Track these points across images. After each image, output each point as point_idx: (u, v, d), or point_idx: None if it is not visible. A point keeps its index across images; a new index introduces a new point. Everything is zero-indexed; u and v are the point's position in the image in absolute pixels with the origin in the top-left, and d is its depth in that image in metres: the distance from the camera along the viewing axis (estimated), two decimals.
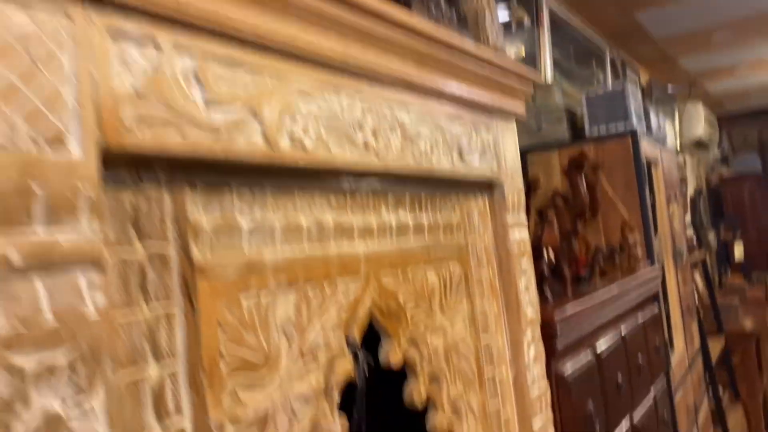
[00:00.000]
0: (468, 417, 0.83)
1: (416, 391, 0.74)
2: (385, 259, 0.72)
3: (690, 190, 6.21)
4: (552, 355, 1.09)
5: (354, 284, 0.65)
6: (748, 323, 3.83)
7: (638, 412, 1.58)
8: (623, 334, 1.51)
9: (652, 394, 1.73)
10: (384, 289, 0.71)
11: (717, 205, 7.17)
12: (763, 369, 4.10)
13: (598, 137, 1.99)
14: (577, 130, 2.10)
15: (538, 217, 1.22)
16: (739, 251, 5.76)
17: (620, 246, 1.75)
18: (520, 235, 1.00)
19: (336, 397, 0.61)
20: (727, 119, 8.41)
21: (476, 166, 0.90)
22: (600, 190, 1.90)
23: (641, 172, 1.95)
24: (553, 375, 1.10)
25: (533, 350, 0.99)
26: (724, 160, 8.24)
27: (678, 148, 5.47)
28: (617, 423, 1.41)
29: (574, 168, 1.71)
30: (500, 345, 0.95)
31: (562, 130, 2.06)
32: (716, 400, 2.88)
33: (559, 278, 1.37)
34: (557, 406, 1.11)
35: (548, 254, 1.12)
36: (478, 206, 0.94)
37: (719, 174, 7.46)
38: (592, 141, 1.99)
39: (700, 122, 5.94)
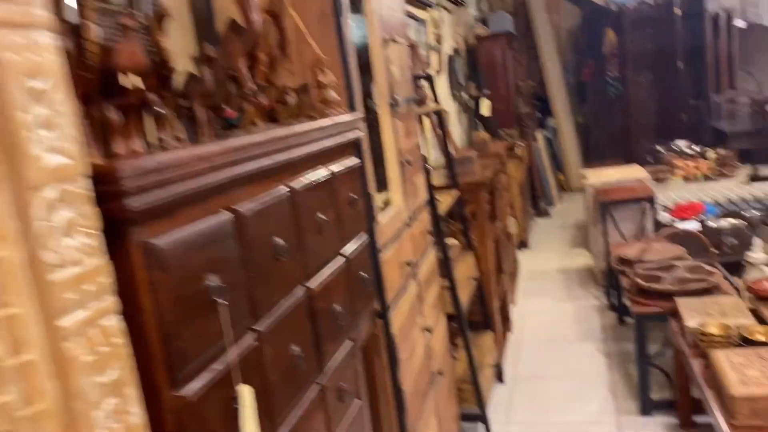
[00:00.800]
0: None
1: None
2: None
3: (447, 48, 6.26)
4: (125, 221, 0.78)
5: None
6: (484, 174, 3.98)
7: (320, 276, 1.39)
8: (293, 188, 1.27)
9: (346, 253, 1.56)
10: None
11: (473, 64, 7.41)
12: (496, 217, 4.38)
13: None
14: None
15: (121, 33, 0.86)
16: (485, 108, 6.02)
17: (304, 87, 1.48)
18: (22, 40, 0.64)
19: None
20: None
21: None
22: (289, 21, 1.59)
23: (338, 3, 1.66)
24: (133, 248, 0.80)
25: (62, 217, 0.68)
26: (483, 20, 8.48)
27: (434, 3, 5.38)
28: (280, 291, 1.19)
29: None
30: None
31: None
32: (443, 251, 2.93)
33: (192, 121, 1.06)
34: (151, 287, 0.82)
35: (126, 80, 0.78)
36: None
37: (476, 34, 7.65)
38: None
39: None
